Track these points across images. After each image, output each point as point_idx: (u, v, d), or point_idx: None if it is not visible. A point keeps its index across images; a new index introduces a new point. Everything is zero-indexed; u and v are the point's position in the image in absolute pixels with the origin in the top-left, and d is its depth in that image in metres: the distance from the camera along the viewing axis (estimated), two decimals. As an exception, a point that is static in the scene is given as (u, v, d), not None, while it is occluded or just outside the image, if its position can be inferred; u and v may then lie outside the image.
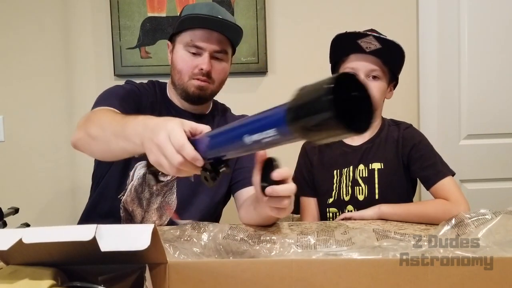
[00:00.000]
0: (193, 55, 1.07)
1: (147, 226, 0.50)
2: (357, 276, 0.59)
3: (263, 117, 0.53)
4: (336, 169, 1.18)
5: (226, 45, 1.09)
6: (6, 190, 1.87)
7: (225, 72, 1.13)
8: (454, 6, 1.92)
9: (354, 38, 1.11)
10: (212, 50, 1.07)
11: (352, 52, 1.14)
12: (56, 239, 0.47)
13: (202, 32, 1.05)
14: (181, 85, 1.10)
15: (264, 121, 0.52)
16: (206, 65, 1.06)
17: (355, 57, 1.14)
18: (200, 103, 1.13)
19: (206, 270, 0.60)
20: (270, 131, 0.50)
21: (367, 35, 1.09)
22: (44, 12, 1.86)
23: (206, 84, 1.08)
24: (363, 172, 1.16)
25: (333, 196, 1.17)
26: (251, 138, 0.53)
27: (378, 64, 1.13)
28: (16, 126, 1.89)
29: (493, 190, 1.93)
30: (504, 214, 0.78)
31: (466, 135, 1.96)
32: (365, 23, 1.91)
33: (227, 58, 1.12)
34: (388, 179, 1.15)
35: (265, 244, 0.81)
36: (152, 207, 1.09)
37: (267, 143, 0.52)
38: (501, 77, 1.93)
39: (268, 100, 1.93)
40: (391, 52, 1.12)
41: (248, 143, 0.54)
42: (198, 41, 1.06)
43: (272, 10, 1.89)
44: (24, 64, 1.87)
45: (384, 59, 1.13)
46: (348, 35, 1.12)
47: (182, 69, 1.08)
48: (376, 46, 1.10)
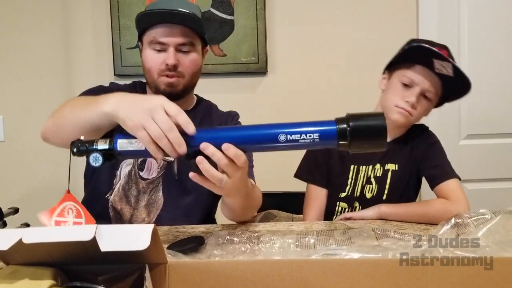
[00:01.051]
0: (159, 52, 1.06)
1: (147, 226, 0.50)
2: (357, 276, 0.59)
3: (308, 124, 0.70)
4: (354, 165, 1.17)
5: (191, 37, 1.07)
6: (6, 190, 1.87)
7: (194, 64, 1.10)
8: (454, 6, 1.92)
9: (430, 54, 1.05)
10: (175, 43, 1.05)
11: (421, 64, 1.08)
12: (56, 239, 0.47)
13: (163, 28, 1.04)
14: (152, 84, 1.09)
15: (309, 127, 0.69)
16: (171, 59, 1.04)
17: (421, 70, 1.08)
18: (173, 99, 1.11)
19: (206, 270, 0.60)
20: (314, 135, 0.68)
21: (447, 60, 1.03)
22: (44, 12, 1.87)
23: (176, 80, 1.07)
24: (378, 172, 1.16)
25: (346, 191, 1.17)
26: (288, 137, 0.69)
27: (437, 87, 1.10)
28: (16, 126, 1.89)
29: (493, 190, 1.94)
30: (504, 214, 0.78)
31: (466, 135, 1.96)
32: (365, 23, 1.92)
33: (195, 49, 1.10)
34: (400, 181, 1.15)
35: (265, 244, 0.81)
36: (140, 205, 1.09)
37: (304, 144, 0.69)
38: (501, 77, 1.93)
39: (268, 100, 1.95)
40: (457, 83, 1.07)
41: (282, 140, 0.69)
42: (160, 37, 1.04)
43: (272, 10, 1.89)
44: (24, 64, 1.87)
45: (446, 85, 1.09)
46: (425, 49, 1.05)
47: (150, 68, 1.07)
48: (449, 73, 1.05)
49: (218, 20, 1.87)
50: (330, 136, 0.69)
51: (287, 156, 0.77)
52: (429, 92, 1.09)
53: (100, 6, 1.86)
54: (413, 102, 1.08)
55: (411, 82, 1.09)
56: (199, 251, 0.78)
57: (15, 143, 1.89)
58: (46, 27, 1.87)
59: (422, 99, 1.10)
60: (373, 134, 0.69)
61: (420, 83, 1.08)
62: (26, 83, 1.88)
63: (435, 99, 1.12)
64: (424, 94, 1.09)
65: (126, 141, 0.72)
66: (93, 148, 0.71)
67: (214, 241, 0.80)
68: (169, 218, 1.08)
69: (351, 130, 0.68)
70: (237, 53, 1.88)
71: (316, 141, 0.69)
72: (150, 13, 1.05)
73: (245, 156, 0.71)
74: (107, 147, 0.72)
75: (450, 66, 1.04)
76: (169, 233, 0.95)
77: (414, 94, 1.08)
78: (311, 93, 1.93)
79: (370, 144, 0.70)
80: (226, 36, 1.88)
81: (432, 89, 1.09)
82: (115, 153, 0.72)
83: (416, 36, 1.91)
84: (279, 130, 0.69)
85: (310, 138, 0.69)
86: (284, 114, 1.89)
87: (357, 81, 1.92)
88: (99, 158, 0.71)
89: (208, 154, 0.70)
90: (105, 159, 0.71)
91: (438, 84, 1.10)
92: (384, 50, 1.21)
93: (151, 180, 1.10)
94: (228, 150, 0.70)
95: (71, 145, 0.72)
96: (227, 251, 0.76)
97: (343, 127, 0.68)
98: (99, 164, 0.71)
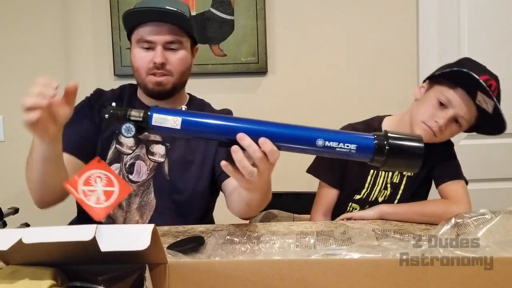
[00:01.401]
0: (147, 50, 1.06)
1: (147, 226, 0.50)
2: (357, 276, 0.59)
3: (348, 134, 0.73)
4: (374, 170, 1.15)
5: (179, 35, 1.06)
6: (6, 190, 1.87)
7: (183, 62, 1.09)
8: (454, 6, 1.92)
9: (477, 85, 1.00)
10: (163, 41, 1.05)
11: (465, 89, 1.03)
12: (56, 239, 0.47)
13: (150, 26, 1.04)
14: (141, 83, 1.09)
15: (348, 137, 0.71)
16: (158, 57, 1.04)
17: (462, 95, 1.03)
18: (163, 98, 1.11)
19: (206, 270, 0.60)
20: (352, 146, 0.70)
21: (491, 97, 0.99)
22: (44, 12, 1.86)
23: (164, 78, 1.06)
24: (396, 178, 1.15)
25: (361, 194, 1.16)
26: (325, 143, 0.70)
27: (472, 116, 1.05)
28: (16, 126, 1.88)
29: (493, 190, 1.93)
30: (504, 214, 0.78)
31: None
32: (365, 23, 1.92)
33: (184, 47, 1.09)
34: (413, 186, 1.15)
35: (265, 244, 0.81)
36: (132, 207, 1.09)
37: (339, 152, 0.71)
38: (501, 77, 1.92)
39: (268, 100, 1.95)
40: (493, 119, 1.03)
41: (319, 145, 0.71)
42: (147, 35, 1.04)
43: (272, 10, 1.89)
44: (24, 64, 1.87)
45: (482, 116, 1.04)
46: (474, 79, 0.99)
47: (138, 67, 1.07)
48: (488, 110, 1.01)
49: (218, 20, 1.87)
50: (367, 150, 0.71)
51: (288, 157, 0.77)
52: (462, 118, 1.04)
53: (100, 6, 1.86)
54: (442, 124, 1.04)
55: (448, 103, 1.04)
56: (199, 251, 0.77)
57: (15, 143, 1.89)
58: (46, 27, 1.87)
59: (452, 123, 1.05)
60: (409, 155, 0.71)
61: (456, 107, 1.03)
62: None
63: (466, 126, 1.07)
64: (456, 119, 1.05)
65: (161, 116, 0.71)
66: (126, 117, 0.71)
67: (214, 241, 0.80)
68: (162, 219, 1.07)
69: (389, 148, 0.70)
70: (237, 53, 1.88)
71: (352, 152, 0.70)
72: (137, 11, 1.05)
73: (279, 153, 0.72)
74: (140, 119, 0.71)
75: (492, 104, 1.00)
76: (169, 233, 0.95)
77: (446, 116, 1.04)
78: (311, 93, 1.93)
79: (404, 164, 0.72)
80: (226, 36, 1.88)
81: (466, 116, 1.04)
82: (148, 126, 0.72)
83: (417, 36, 1.91)
84: (318, 135, 0.71)
85: (347, 148, 0.70)
86: (284, 114, 1.88)
87: (357, 81, 1.92)
88: (131, 129, 0.71)
89: (243, 145, 0.70)
90: (137, 131, 0.71)
91: (475, 114, 1.05)
92: (384, 50, 1.21)
93: (142, 183, 1.10)
94: (265, 144, 0.71)
95: (103, 110, 0.73)
96: (227, 251, 0.76)
97: (381, 143, 0.70)
98: (131, 135, 0.71)
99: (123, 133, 0.71)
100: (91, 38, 1.88)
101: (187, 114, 0.73)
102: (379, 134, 0.72)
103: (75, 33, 1.88)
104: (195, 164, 1.12)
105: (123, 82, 1.22)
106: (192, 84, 1.26)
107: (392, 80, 1.91)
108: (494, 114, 1.01)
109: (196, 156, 1.12)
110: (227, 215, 1.17)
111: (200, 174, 1.12)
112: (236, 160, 0.71)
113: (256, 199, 0.91)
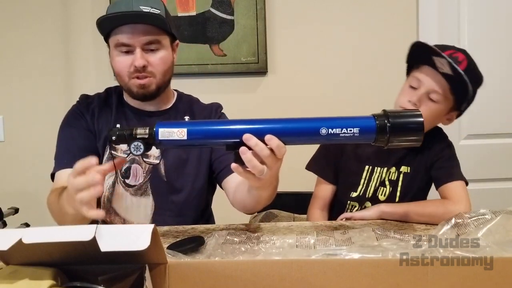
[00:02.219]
0: (126, 54, 1.04)
1: (147, 226, 0.50)
2: (357, 276, 0.59)
3: (348, 119, 0.74)
4: (369, 166, 1.16)
5: (156, 34, 1.04)
6: (6, 190, 1.87)
7: (164, 62, 1.07)
8: (454, 6, 1.92)
9: (429, 52, 1.04)
10: (141, 43, 1.03)
11: (427, 64, 1.07)
12: (56, 239, 0.47)
13: (125, 29, 1.02)
14: (125, 87, 1.08)
15: (350, 122, 0.73)
16: (138, 60, 1.02)
17: (427, 70, 1.07)
18: (148, 99, 1.10)
19: (206, 270, 0.60)
20: (355, 129, 0.72)
21: (442, 57, 1.01)
22: (44, 12, 1.86)
23: (147, 81, 1.05)
24: (393, 175, 1.15)
25: (358, 191, 1.16)
26: (329, 131, 0.72)
27: (444, 88, 1.05)
28: (16, 126, 1.89)
29: (493, 190, 1.93)
30: (504, 214, 0.79)
31: (466, 135, 1.96)
32: (365, 23, 1.92)
33: (163, 46, 1.07)
34: (411, 183, 1.14)
35: (265, 244, 0.81)
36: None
37: (344, 137, 0.72)
38: (501, 77, 1.93)
39: (268, 100, 1.96)
40: (463, 83, 1.03)
41: (323, 133, 0.72)
42: (123, 39, 1.02)
43: (272, 10, 1.89)
44: (24, 64, 1.87)
45: (453, 86, 1.05)
46: (426, 47, 1.05)
47: (120, 71, 1.06)
48: (448, 71, 1.02)
49: (218, 20, 1.87)
50: (370, 131, 0.73)
51: (288, 157, 0.77)
52: (434, 93, 1.06)
53: (100, 6, 1.86)
54: (415, 101, 1.06)
55: (417, 83, 1.07)
56: (199, 251, 0.78)
57: (15, 143, 1.89)
58: (46, 27, 1.87)
59: (427, 101, 1.07)
60: (411, 130, 0.74)
61: (425, 83, 1.06)
62: (26, 83, 1.88)
63: (442, 101, 1.07)
64: (430, 96, 1.07)
65: (167, 130, 0.74)
66: (133, 137, 0.73)
67: (214, 241, 0.80)
68: (161, 219, 1.07)
69: (391, 126, 0.72)
70: (237, 53, 1.88)
71: (355, 135, 0.73)
72: (110, 17, 1.02)
73: (286, 148, 0.74)
74: (147, 136, 0.74)
75: (446, 63, 1.01)
76: (169, 233, 0.95)
77: (418, 94, 1.07)
78: (311, 93, 1.93)
79: (407, 139, 0.74)
80: (226, 36, 1.88)
81: (437, 89, 1.05)
82: (155, 141, 0.74)
83: (417, 36, 1.91)
84: (321, 124, 0.73)
85: (350, 133, 0.72)
86: (284, 114, 1.87)
87: (357, 81, 1.92)
88: (140, 147, 0.73)
89: (250, 145, 0.72)
90: (145, 148, 0.73)
91: (445, 85, 1.05)
92: (384, 50, 1.21)
93: (139, 186, 1.09)
94: (271, 140, 0.72)
95: (109, 133, 0.75)
96: (227, 251, 0.76)
97: (382, 123, 0.73)
98: (140, 152, 0.73)
99: (132, 152, 0.73)
100: (91, 38, 1.88)
101: (191, 124, 0.76)
102: (379, 115, 0.74)
103: (75, 33, 1.88)
104: (191, 162, 1.12)
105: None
106: (192, 84, 1.26)
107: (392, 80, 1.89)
108: (456, 75, 1.02)
109: (191, 155, 1.12)
110: (227, 215, 1.17)
111: (197, 172, 1.12)
112: (246, 161, 0.73)
113: (265, 196, 0.92)
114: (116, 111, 1.13)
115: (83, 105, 1.13)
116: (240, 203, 1.02)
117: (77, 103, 1.15)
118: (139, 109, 1.13)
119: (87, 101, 1.14)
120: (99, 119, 1.11)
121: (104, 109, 1.13)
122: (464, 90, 1.04)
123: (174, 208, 1.10)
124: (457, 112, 1.13)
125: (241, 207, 1.04)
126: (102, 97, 1.16)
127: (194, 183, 1.12)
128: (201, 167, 1.13)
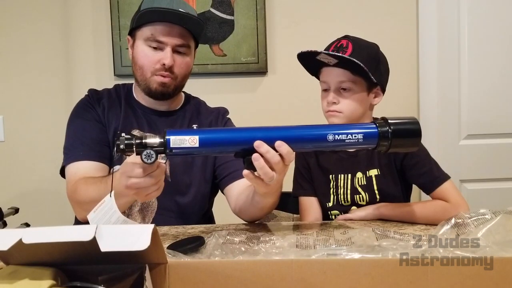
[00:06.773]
0: (155, 50, 1.05)
1: (147, 227, 0.50)
2: (357, 276, 0.59)
3: (353, 126, 0.79)
4: (332, 175, 1.16)
5: (188, 39, 1.07)
6: (6, 190, 1.87)
7: (187, 67, 1.10)
8: (454, 6, 1.92)
9: (312, 56, 1.07)
10: (174, 44, 1.04)
11: (322, 66, 1.11)
12: (56, 239, 0.47)
13: (163, 26, 1.03)
14: (143, 81, 1.08)
15: (354, 128, 0.78)
16: (169, 59, 1.03)
17: (325, 70, 1.11)
18: (163, 99, 1.12)
19: (206, 270, 0.60)
20: (359, 135, 0.77)
21: (319, 53, 1.05)
22: (44, 12, 1.86)
23: (169, 80, 1.06)
24: (362, 180, 1.14)
25: (331, 201, 1.16)
26: (335, 137, 0.77)
27: (346, 75, 1.08)
28: (16, 126, 1.89)
29: (493, 190, 1.93)
30: (504, 214, 0.78)
31: (466, 135, 1.96)
32: (365, 23, 1.92)
33: (190, 52, 1.09)
34: (385, 184, 1.13)
35: (265, 244, 0.81)
36: (134, 210, 1.08)
37: (349, 143, 0.77)
38: (501, 77, 1.93)
39: (268, 100, 1.95)
40: (351, 62, 1.05)
41: (330, 140, 0.77)
42: (159, 35, 1.03)
43: (272, 10, 1.89)
44: (24, 64, 1.87)
45: (352, 68, 1.07)
46: (306, 53, 1.08)
47: (144, 65, 1.06)
48: (333, 61, 1.06)
49: (218, 20, 1.87)
50: (373, 137, 0.78)
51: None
52: (343, 83, 1.08)
53: (100, 6, 1.86)
54: (331, 101, 1.09)
55: (326, 85, 1.11)
56: (199, 251, 0.77)
57: (15, 143, 1.89)
58: (46, 27, 1.87)
59: (343, 93, 1.09)
60: (411, 136, 0.79)
61: (329, 81, 1.10)
62: (26, 83, 1.88)
63: (354, 85, 1.09)
64: (342, 88, 1.09)
65: (179, 137, 0.74)
66: (143, 145, 0.73)
67: (214, 241, 0.80)
68: (164, 220, 1.07)
69: (392, 132, 0.77)
70: (237, 53, 1.88)
71: (360, 141, 0.77)
72: (156, 11, 1.03)
73: (294, 154, 0.76)
74: (157, 144, 0.73)
75: (326, 55, 1.05)
76: (169, 233, 0.95)
77: (331, 93, 1.10)
78: (311, 93, 1.91)
79: (407, 144, 0.80)
80: (226, 36, 1.88)
81: (341, 79, 1.08)
82: (167, 149, 0.74)
83: (417, 36, 1.91)
84: (328, 130, 0.77)
85: (355, 138, 0.77)
86: (284, 114, 1.89)
87: (357, 81, 1.92)
88: (152, 155, 0.72)
89: (261, 151, 0.74)
90: (156, 156, 0.73)
91: (343, 72, 1.08)
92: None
93: None
94: (281, 147, 0.74)
95: (117, 142, 0.73)
96: (227, 251, 0.75)
97: (384, 130, 0.78)
98: (151, 161, 0.72)
99: (144, 160, 0.72)
100: (91, 38, 1.88)
101: (202, 131, 0.76)
102: (379, 122, 0.79)
103: (75, 32, 1.88)
104: (197, 166, 1.12)
105: (123, 82, 1.22)
106: (192, 84, 1.26)
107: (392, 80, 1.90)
108: (342, 59, 1.04)
109: (197, 159, 1.12)
110: (227, 215, 1.17)
111: (203, 176, 1.13)
112: (258, 167, 0.74)
113: (270, 203, 0.94)
114: (126, 107, 1.13)
115: (93, 98, 1.14)
116: (243, 212, 1.03)
117: (86, 96, 1.16)
118: (149, 108, 1.15)
119: (97, 95, 1.15)
120: (109, 112, 1.11)
121: (113, 103, 1.14)
122: (357, 65, 1.05)
123: (177, 209, 1.10)
124: (377, 86, 1.13)
125: (243, 214, 1.04)
126: (111, 92, 1.17)
127: (199, 187, 1.12)
128: (206, 170, 1.13)
